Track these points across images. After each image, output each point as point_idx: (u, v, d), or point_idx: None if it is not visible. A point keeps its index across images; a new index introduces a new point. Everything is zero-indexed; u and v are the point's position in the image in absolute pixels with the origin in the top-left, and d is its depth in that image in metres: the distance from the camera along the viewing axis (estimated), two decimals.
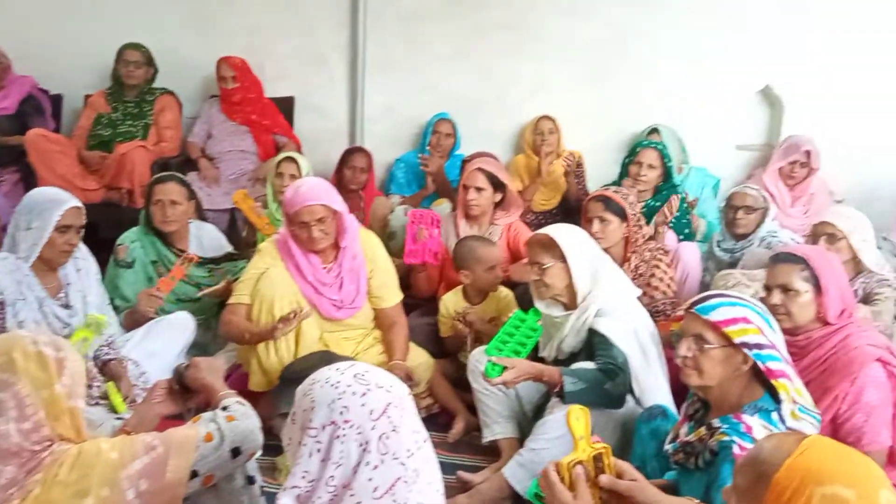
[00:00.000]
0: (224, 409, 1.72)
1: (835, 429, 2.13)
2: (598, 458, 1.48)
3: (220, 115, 4.51)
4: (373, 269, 2.80)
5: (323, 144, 4.61)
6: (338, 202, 2.68)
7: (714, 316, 1.80)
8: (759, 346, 1.75)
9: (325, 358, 2.45)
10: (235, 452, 1.64)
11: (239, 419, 1.68)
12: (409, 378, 2.60)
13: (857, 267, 2.85)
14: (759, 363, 1.74)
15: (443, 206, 3.90)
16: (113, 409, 2.47)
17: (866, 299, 2.80)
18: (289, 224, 2.72)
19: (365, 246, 2.82)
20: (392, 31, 4.63)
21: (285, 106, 4.69)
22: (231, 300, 2.74)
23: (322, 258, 2.74)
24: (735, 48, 4.33)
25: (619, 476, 1.46)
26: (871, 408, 2.08)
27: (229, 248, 3.37)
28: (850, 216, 2.87)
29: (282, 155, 3.81)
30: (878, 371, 2.12)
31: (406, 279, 3.28)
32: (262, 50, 4.62)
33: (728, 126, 4.49)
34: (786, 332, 2.22)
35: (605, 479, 1.46)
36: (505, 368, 2.23)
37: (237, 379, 2.80)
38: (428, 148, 4.41)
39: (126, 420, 1.94)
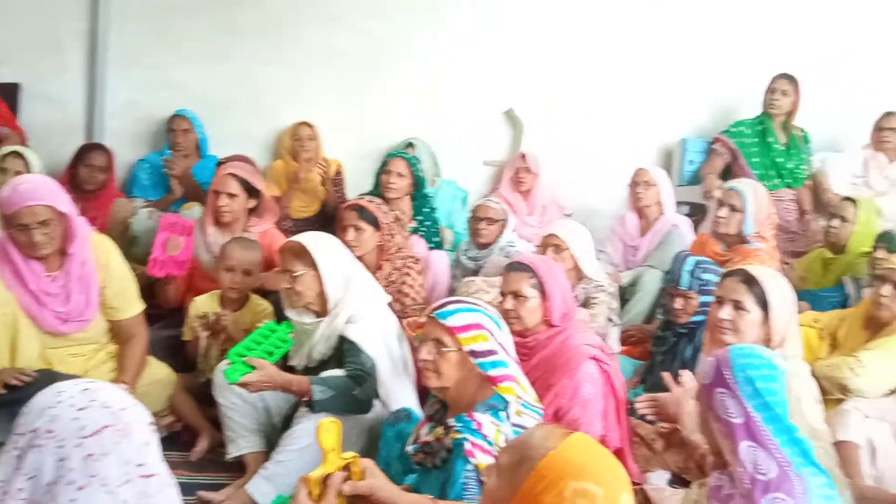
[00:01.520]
0: None
1: (557, 421, 2.35)
2: (346, 468, 1.50)
3: None
4: (106, 277, 2.56)
5: (54, 139, 4.17)
6: (64, 203, 2.42)
7: (451, 321, 1.91)
8: (486, 353, 1.89)
9: (47, 377, 2.19)
10: None
11: None
12: None
13: (578, 274, 3.20)
14: (483, 371, 1.88)
15: (192, 211, 3.70)
16: None
17: (585, 303, 3.15)
18: (6, 226, 2.41)
19: (98, 252, 2.57)
20: (139, 22, 4.33)
21: (8, 93, 4.16)
22: None
23: (46, 265, 2.46)
24: (483, 71, 4.65)
25: (362, 477, 1.50)
26: (586, 401, 2.32)
27: None
28: (573, 229, 3.21)
29: (6, 148, 3.41)
30: (592, 368, 2.37)
31: (149, 288, 3.06)
32: None
33: (476, 143, 4.79)
34: (517, 334, 2.42)
35: (346, 486, 1.48)
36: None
37: None
38: (171, 151, 4.16)
39: None
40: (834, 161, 4.49)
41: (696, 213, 4.57)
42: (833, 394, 2.63)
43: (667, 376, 2.19)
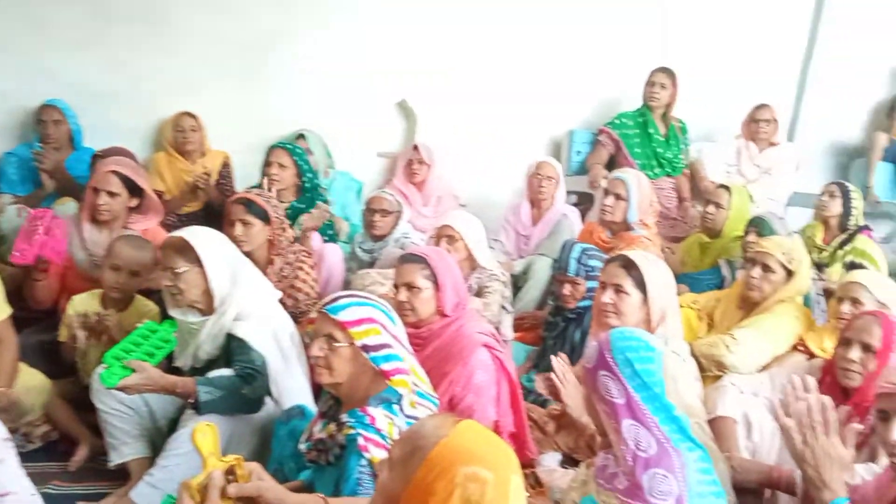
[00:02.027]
0: None
1: (451, 409, 2.37)
2: (230, 471, 1.45)
3: None
4: None
5: None
6: None
7: (343, 316, 1.88)
8: (378, 347, 1.87)
9: None
10: None
11: None
12: (12, 405, 2.27)
13: (472, 264, 3.23)
14: (375, 365, 1.87)
15: (66, 207, 3.48)
16: None
17: (479, 293, 3.19)
18: None
19: None
20: (4, 6, 4.01)
21: None
22: None
23: None
24: (376, 62, 4.61)
25: (249, 479, 1.46)
26: (480, 388, 2.35)
27: None
28: (467, 220, 3.24)
29: None
30: (484, 356, 2.40)
31: (17, 291, 2.85)
32: None
33: (370, 134, 4.75)
34: (411, 325, 2.43)
35: (231, 488, 1.44)
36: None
37: None
38: (41, 144, 3.89)
39: None
40: (709, 151, 4.76)
41: (584, 201, 4.72)
42: (711, 371, 2.78)
43: (560, 357, 2.26)
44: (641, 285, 2.37)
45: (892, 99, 5.21)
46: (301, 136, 4.32)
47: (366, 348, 1.86)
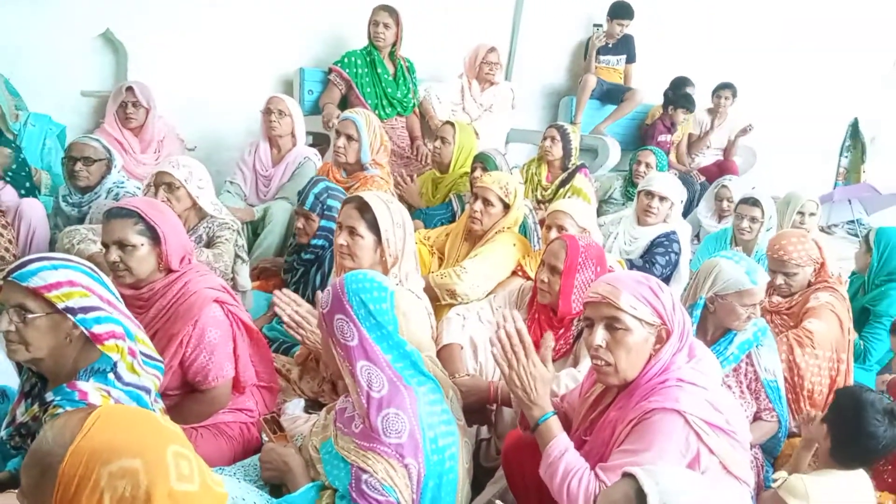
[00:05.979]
0: None
1: (184, 371, 2.21)
2: None
3: None
4: None
5: None
6: None
7: (34, 282, 1.64)
8: (85, 310, 1.67)
9: None
10: None
11: None
12: None
13: (198, 213, 3.01)
14: (84, 329, 1.67)
15: None
16: None
17: (210, 243, 2.98)
18: None
19: None
20: None
21: None
22: None
23: None
24: None
25: None
26: (213, 346, 2.21)
27: None
28: (187, 164, 2.94)
29: None
30: (216, 311, 2.25)
31: None
32: None
33: (71, 71, 4.17)
34: (129, 286, 2.21)
35: None
36: None
37: None
38: None
39: None
40: (438, 90, 4.91)
41: (321, 141, 4.64)
42: (445, 300, 2.92)
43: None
44: (375, 228, 2.38)
45: (586, 44, 5.79)
46: None
47: (70, 311, 1.64)
